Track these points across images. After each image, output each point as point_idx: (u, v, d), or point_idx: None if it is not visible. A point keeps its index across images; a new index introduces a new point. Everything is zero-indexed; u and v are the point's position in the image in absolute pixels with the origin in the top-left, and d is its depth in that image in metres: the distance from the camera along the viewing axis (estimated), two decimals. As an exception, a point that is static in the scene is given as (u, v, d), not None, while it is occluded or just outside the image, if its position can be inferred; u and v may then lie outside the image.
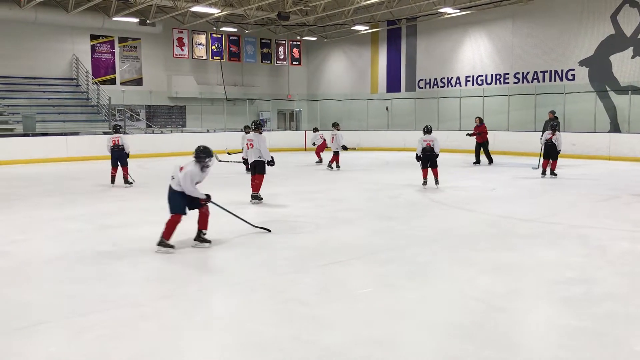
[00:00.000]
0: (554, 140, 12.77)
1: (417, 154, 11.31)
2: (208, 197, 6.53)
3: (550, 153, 12.92)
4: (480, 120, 16.80)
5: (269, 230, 7.26)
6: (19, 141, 18.58)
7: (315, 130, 18.91)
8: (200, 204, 6.55)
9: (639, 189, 11.03)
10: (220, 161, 11.28)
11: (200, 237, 6.61)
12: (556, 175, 12.87)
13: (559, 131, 13.16)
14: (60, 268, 5.77)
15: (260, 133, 9.75)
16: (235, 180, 12.42)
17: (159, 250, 6.28)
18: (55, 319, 4.30)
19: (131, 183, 12.06)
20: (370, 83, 28.68)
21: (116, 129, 12.58)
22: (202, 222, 6.62)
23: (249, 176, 10.14)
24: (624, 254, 6.13)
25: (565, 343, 3.78)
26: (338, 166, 15.45)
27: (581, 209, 9.08)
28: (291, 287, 5.03)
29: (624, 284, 5.05)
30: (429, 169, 11.26)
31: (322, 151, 17.91)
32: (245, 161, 9.67)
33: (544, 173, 12.97)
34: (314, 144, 18.14)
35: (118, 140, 12.07)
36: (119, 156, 12.06)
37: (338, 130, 15.73)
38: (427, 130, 11.38)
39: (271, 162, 9.62)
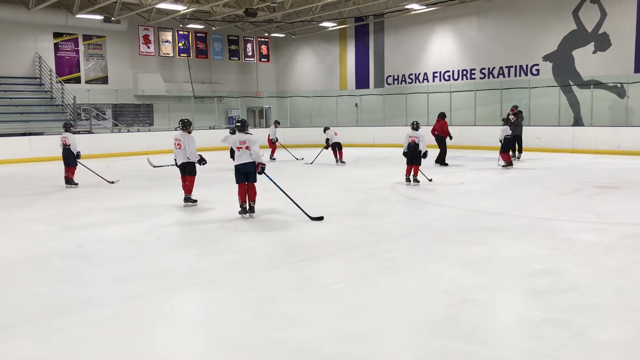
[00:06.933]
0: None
1: (403, 150, 11.31)
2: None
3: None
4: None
5: (322, 218, 7.81)
6: (-19, 142, 18.09)
7: (277, 124, 18.84)
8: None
9: (602, 181, 11.31)
10: (155, 166, 11.16)
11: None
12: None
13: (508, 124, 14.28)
14: (27, 270, 5.65)
15: (189, 132, 9.28)
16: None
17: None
18: (24, 322, 4.22)
19: (76, 184, 11.78)
20: (339, 79, 28.75)
21: (65, 128, 12.13)
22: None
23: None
24: (589, 245, 6.27)
25: (533, 334, 3.85)
26: (343, 161, 15.84)
27: (547, 201, 9.26)
28: (263, 285, 5.01)
29: (588, 274, 5.17)
30: (412, 166, 11.21)
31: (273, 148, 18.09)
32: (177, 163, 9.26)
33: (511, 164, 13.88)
34: (277, 140, 18.21)
35: (65, 140, 11.79)
36: (66, 156, 11.81)
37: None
38: (414, 127, 11.40)
39: (202, 162, 9.28)
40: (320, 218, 7.83)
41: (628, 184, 10.91)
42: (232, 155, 10.12)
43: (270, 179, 8.34)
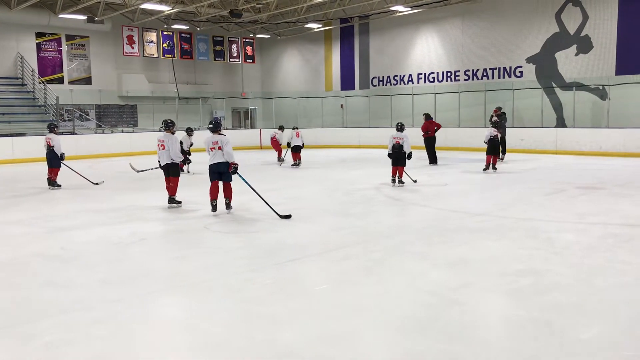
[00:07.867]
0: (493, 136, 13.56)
1: (388, 152, 11.36)
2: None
3: (496, 148, 13.81)
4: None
5: (290, 216, 7.97)
6: (-39, 143, 17.85)
7: (282, 128, 18.46)
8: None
9: (583, 182, 11.43)
10: (138, 171, 11.20)
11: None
12: (496, 169, 13.68)
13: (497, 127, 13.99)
14: (7, 274, 5.58)
15: (173, 133, 9.18)
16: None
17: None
18: (4, 326, 4.17)
19: (59, 186, 11.64)
20: (325, 81, 28.78)
21: (49, 129, 12.00)
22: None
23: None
24: (570, 245, 6.34)
25: (515, 334, 3.89)
26: (299, 163, 15.69)
27: (529, 202, 9.35)
28: (247, 287, 5.01)
29: (569, 274, 5.23)
30: (397, 167, 11.25)
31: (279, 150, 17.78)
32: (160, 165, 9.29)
33: (494, 167, 13.56)
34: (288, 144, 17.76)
35: (49, 141, 11.67)
36: (50, 157, 11.67)
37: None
38: (398, 128, 11.44)
39: (186, 161, 9.44)
40: (288, 216, 7.99)
41: (609, 184, 11.04)
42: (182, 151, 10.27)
43: (243, 179, 8.39)
